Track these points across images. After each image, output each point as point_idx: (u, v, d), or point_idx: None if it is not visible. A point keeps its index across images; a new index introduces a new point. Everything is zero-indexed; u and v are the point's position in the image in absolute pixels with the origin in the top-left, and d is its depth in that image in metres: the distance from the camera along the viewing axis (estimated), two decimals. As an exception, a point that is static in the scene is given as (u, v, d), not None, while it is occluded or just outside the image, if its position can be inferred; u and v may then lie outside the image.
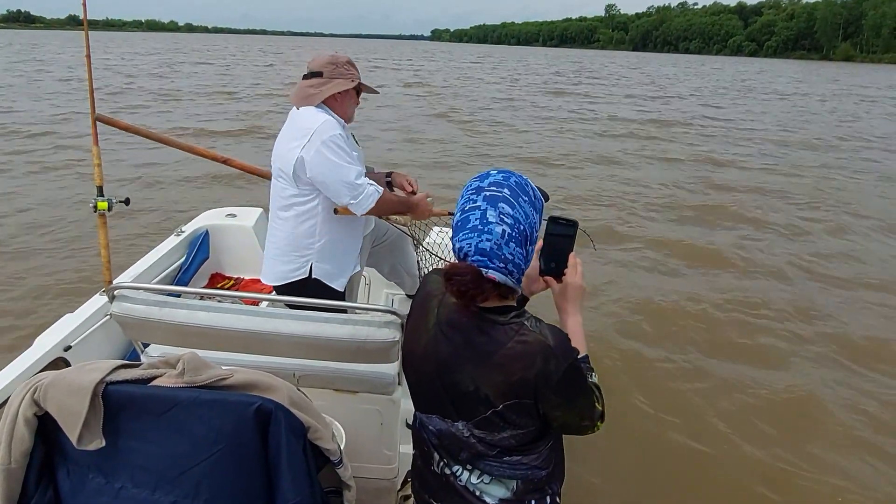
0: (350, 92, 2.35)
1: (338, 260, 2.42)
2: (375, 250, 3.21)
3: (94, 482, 1.34)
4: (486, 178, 1.22)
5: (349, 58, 2.36)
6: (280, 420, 1.31)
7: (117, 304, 1.76)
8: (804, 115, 20.68)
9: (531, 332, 1.18)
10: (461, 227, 1.19)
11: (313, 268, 2.36)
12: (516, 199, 1.19)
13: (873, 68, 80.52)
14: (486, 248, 1.15)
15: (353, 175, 2.19)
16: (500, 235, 1.15)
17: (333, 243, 2.38)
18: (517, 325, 1.18)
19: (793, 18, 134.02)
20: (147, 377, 1.37)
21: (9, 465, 1.31)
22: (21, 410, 1.32)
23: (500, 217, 1.16)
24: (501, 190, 1.19)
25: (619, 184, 9.54)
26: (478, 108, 18.55)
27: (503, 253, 1.16)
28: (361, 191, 2.21)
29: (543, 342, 1.16)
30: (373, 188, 2.24)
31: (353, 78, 2.33)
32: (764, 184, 9.76)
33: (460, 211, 1.21)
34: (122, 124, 2.72)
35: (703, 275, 5.88)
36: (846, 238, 7.22)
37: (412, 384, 1.36)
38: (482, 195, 1.19)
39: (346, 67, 2.32)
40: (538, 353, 1.15)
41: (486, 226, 1.16)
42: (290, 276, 2.37)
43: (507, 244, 1.16)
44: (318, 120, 2.22)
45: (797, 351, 4.46)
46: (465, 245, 1.17)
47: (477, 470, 1.28)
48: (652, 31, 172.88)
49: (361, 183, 2.21)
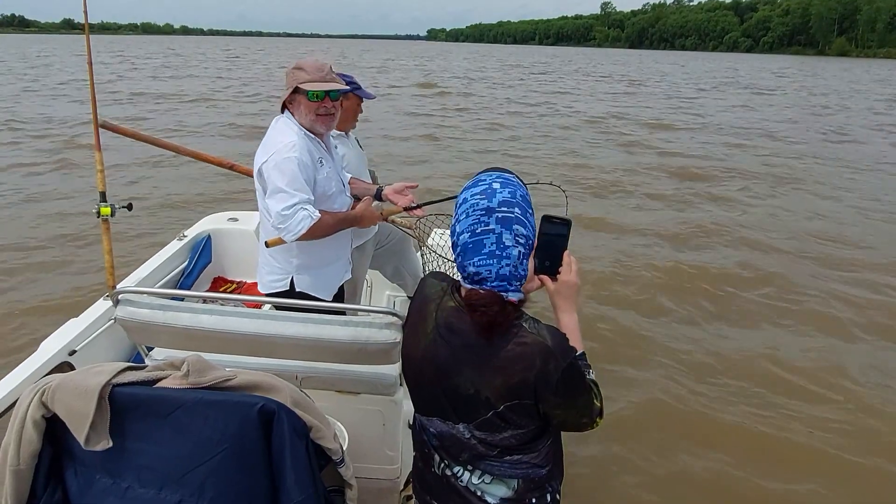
0: (297, 97, 2.22)
1: (319, 273, 2.40)
2: (378, 253, 3.23)
3: (101, 482, 1.37)
4: (493, 197, 1.19)
5: (303, 62, 2.23)
6: (283, 420, 1.34)
7: (122, 308, 1.78)
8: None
9: (530, 333, 1.19)
10: (475, 250, 1.18)
11: (294, 281, 2.35)
12: (525, 216, 1.20)
13: (866, 63, 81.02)
14: (506, 273, 1.18)
15: (283, 204, 2.10)
16: (517, 257, 1.18)
17: (312, 258, 2.35)
18: (516, 328, 1.20)
19: (788, 14, 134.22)
20: (152, 379, 1.40)
21: (18, 466, 1.34)
22: (29, 413, 1.34)
23: (515, 239, 1.18)
24: (512, 210, 1.19)
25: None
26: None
27: (519, 273, 1.20)
28: (290, 218, 2.10)
29: (542, 343, 1.17)
30: (304, 213, 2.10)
31: (290, 83, 2.20)
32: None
33: (469, 232, 1.19)
34: (126, 131, 2.72)
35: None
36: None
37: (412, 388, 1.37)
38: (494, 217, 1.18)
39: (291, 73, 2.22)
40: (537, 354, 1.16)
41: (504, 250, 1.17)
42: (273, 286, 2.37)
43: (522, 263, 1.19)
44: (282, 139, 2.17)
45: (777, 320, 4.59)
46: (484, 271, 1.18)
47: (478, 470, 1.29)
48: (648, 29, 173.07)
49: (289, 213, 2.10)
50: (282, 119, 2.28)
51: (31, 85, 22.22)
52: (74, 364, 2.17)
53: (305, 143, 2.21)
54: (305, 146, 2.19)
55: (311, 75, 2.19)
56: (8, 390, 1.87)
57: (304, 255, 2.32)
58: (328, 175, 2.30)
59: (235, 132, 13.07)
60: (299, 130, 2.22)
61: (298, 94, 2.20)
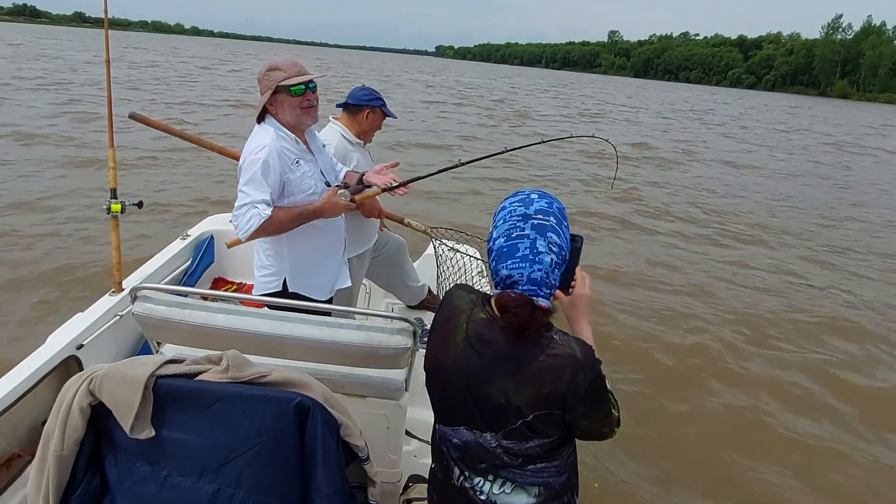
0: (278, 97, 2.23)
1: (311, 274, 2.43)
2: (374, 262, 3.29)
3: (140, 470, 1.43)
4: (530, 205, 1.25)
5: (274, 62, 2.25)
6: (317, 416, 1.41)
7: (139, 304, 1.83)
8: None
9: (560, 345, 1.24)
10: (509, 253, 1.22)
11: (287, 281, 2.38)
12: (560, 227, 1.25)
13: (867, 106, 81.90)
14: (537, 278, 1.21)
15: (237, 203, 2.15)
16: (549, 265, 1.21)
17: (301, 257, 2.38)
18: (547, 339, 1.25)
19: (792, 54, 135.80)
20: (193, 372, 1.48)
21: (62, 451, 1.40)
22: (76, 400, 1.41)
23: (549, 247, 1.21)
24: (548, 218, 1.23)
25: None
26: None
27: (550, 280, 1.23)
28: (240, 217, 2.13)
29: (573, 355, 1.23)
30: (254, 211, 2.11)
31: (269, 86, 2.22)
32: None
33: (505, 237, 1.24)
34: (156, 123, 2.75)
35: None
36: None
37: (439, 398, 1.40)
38: (529, 223, 1.22)
39: (266, 75, 2.24)
40: (567, 365, 1.22)
41: (537, 255, 1.20)
42: (267, 287, 2.40)
43: (553, 271, 1.23)
44: (259, 141, 2.22)
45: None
46: (516, 274, 1.22)
47: (499, 479, 1.32)
48: (653, 59, 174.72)
49: (240, 212, 2.13)
50: (258, 126, 2.31)
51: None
52: (81, 358, 2.18)
53: (278, 144, 2.23)
54: (277, 147, 2.21)
55: (288, 72, 2.22)
56: (16, 383, 1.89)
57: (293, 255, 2.36)
58: (306, 173, 2.31)
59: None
60: (274, 133, 2.25)
61: (279, 93, 2.23)
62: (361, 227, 2.98)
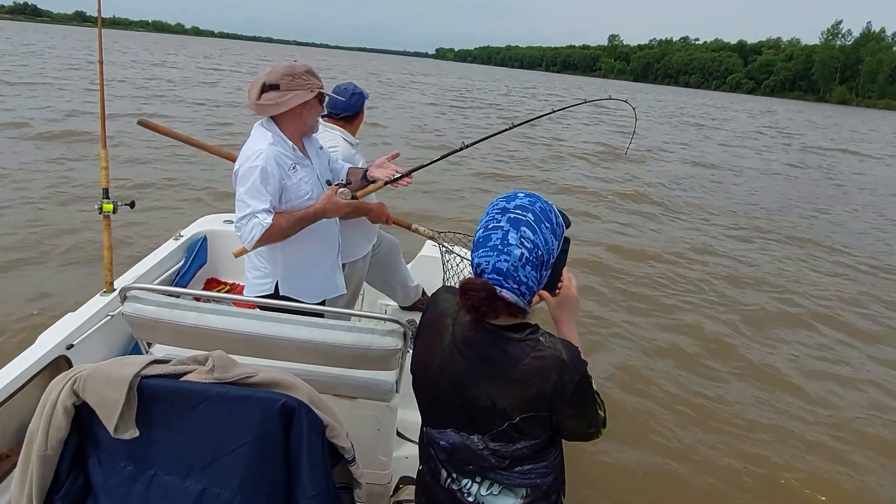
0: (311, 102, 2.27)
1: (303, 277, 2.42)
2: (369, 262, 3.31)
3: (125, 470, 1.42)
4: (512, 200, 1.27)
5: (308, 66, 2.27)
6: (302, 417, 1.40)
7: (129, 304, 1.81)
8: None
9: (546, 347, 1.24)
10: (482, 243, 1.24)
11: (279, 285, 2.37)
12: (538, 225, 1.24)
13: (867, 112, 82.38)
14: (502, 269, 1.21)
15: (238, 214, 2.15)
16: (518, 258, 1.21)
17: (293, 261, 2.37)
18: (533, 342, 1.24)
19: (791, 59, 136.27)
20: (178, 372, 1.47)
21: (45, 452, 1.39)
22: (60, 400, 1.40)
23: (520, 240, 1.21)
24: (526, 214, 1.24)
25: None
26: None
27: (518, 275, 1.22)
28: (242, 228, 2.14)
29: (558, 357, 1.22)
30: (255, 222, 2.12)
31: (311, 88, 2.24)
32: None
33: (483, 228, 1.26)
34: (166, 130, 2.75)
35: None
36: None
37: (426, 400, 1.40)
38: (507, 216, 1.24)
39: (304, 77, 2.23)
40: (553, 367, 1.21)
41: (507, 247, 1.21)
42: (258, 289, 2.40)
43: (524, 267, 1.22)
44: (253, 146, 2.21)
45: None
46: (483, 262, 1.23)
47: (486, 481, 1.32)
48: (653, 64, 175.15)
49: (242, 224, 2.14)
50: (259, 126, 2.30)
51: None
52: (71, 358, 2.17)
53: (275, 150, 2.22)
54: (274, 154, 2.20)
55: (320, 80, 2.29)
56: (4, 383, 1.88)
57: (287, 258, 2.35)
58: (302, 178, 2.31)
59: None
60: (272, 138, 2.24)
61: (313, 99, 2.28)
62: (366, 228, 2.99)
